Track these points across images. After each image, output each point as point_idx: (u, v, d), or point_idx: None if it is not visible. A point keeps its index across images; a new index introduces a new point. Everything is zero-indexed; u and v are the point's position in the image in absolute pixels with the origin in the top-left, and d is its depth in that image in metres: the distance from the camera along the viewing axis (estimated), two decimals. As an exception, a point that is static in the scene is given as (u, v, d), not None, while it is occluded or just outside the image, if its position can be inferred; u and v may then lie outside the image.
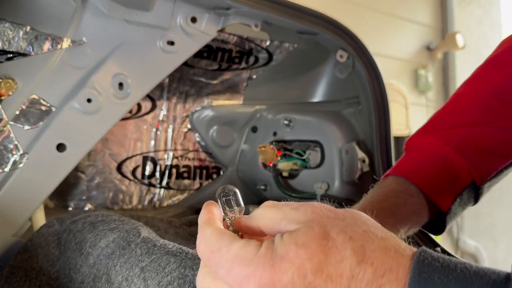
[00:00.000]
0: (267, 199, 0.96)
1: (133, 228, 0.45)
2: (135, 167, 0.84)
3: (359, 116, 0.80)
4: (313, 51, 0.84)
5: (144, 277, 0.37)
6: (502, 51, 0.52)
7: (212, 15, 0.69)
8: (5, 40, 0.57)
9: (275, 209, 0.27)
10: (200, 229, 0.28)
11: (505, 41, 0.54)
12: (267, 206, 0.28)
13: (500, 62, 0.51)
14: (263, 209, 0.28)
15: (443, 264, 0.22)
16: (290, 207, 0.26)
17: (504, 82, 0.49)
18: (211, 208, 0.29)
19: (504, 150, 0.47)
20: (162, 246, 0.40)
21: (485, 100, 0.49)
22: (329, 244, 0.23)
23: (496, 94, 0.48)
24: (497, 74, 0.50)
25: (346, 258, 0.23)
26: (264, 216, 0.27)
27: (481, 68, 0.53)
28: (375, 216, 0.41)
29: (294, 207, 0.26)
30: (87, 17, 0.61)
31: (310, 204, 0.26)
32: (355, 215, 0.26)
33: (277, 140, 0.87)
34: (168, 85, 0.84)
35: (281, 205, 0.27)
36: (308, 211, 0.26)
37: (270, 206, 0.28)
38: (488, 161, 0.47)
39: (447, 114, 0.51)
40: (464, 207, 0.49)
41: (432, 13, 2.81)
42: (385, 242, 0.24)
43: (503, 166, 0.47)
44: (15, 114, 0.58)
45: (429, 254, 0.23)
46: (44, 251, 0.51)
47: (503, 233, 2.71)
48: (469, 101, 0.50)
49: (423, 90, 2.69)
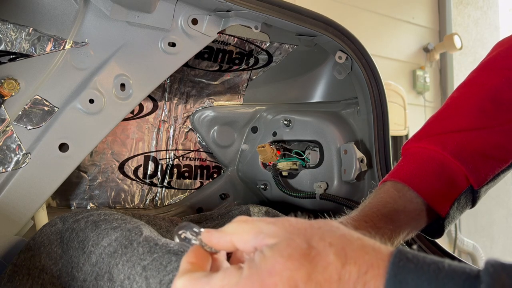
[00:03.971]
0: (267, 198, 0.96)
1: (135, 227, 0.46)
2: (137, 167, 0.84)
3: (358, 117, 0.81)
4: (313, 52, 0.85)
5: (146, 276, 0.37)
6: (495, 54, 0.53)
7: (213, 16, 0.69)
8: (8, 41, 0.58)
9: (249, 224, 0.27)
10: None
11: (498, 44, 0.54)
12: (240, 221, 0.28)
13: (493, 66, 0.52)
14: (236, 224, 0.28)
15: (417, 265, 0.23)
16: (266, 222, 0.26)
17: (498, 86, 0.49)
18: (182, 261, 0.28)
19: (500, 154, 0.48)
20: (163, 245, 0.40)
21: (480, 104, 0.49)
22: (312, 253, 0.24)
23: (490, 98, 0.49)
24: (491, 77, 0.50)
25: (330, 263, 0.23)
26: (237, 231, 0.27)
27: (475, 71, 0.54)
28: (375, 222, 0.42)
29: (270, 222, 0.26)
30: (89, 18, 0.62)
31: (286, 218, 0.27)
32: (329, 222, 0.27)
33: (276, 140, 0.88)
34: (170, 86, 0.85)
35: (255, 220, 0.27)
36: (286, 225, 0.26)
37: (244, 221, 0.27)
38: (485, 165, 0.47)
39: (443, 119, 0.51)
40: (462, 211, 0.49)
41: (429, 14, 2.82)
42: (363, 241, 0.25)
43: (499, 170, 0.48)
44: (18, 114, 0.59)
45: (404, 255, 0.23)
46: (46, 250, 0.52)
47: (500, 232, 2.72)
48: (464, 106, 0.50)
49: (420, 91, 2.70)
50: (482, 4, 3.01)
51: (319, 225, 0.26)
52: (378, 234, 0.42)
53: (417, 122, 2.64)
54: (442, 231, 0.49)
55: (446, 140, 0.48)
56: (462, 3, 2.91)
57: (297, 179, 0.83)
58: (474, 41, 2.94)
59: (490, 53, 0.54)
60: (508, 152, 0.48)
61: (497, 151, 0.48)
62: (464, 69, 2.89)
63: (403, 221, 0.45)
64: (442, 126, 0.50)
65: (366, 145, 0.79)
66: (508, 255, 2.72)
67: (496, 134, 0.48)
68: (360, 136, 0.80)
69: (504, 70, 0.50)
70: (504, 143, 0.48)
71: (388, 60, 2.58)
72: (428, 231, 0.50)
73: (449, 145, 0.47)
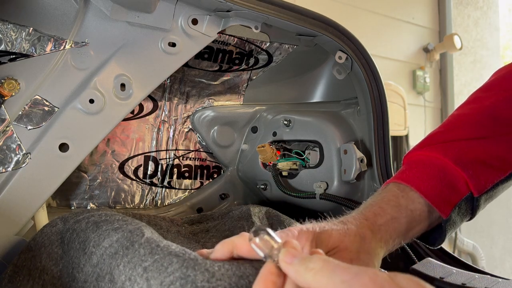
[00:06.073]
0: (267, 198, 0.95)
1: (136, 228, 0.46)
2: (137, 167, 0.84)
3: (358, 117, 0.81)
4: (312, 52, 0.85)
5: (147, 277, 0.37)
6: (495, 78, 0.56)
7: (213, 17, 0.69)
8: (8, 41, 0.58)
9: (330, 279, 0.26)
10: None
11: (498, 70, 0.57)
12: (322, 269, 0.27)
13: (493, 88, 0.55)
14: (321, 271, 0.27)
15: None
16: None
17: (496, 104, 0.52)
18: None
19: (499, 163, 0.49)
20: (165, 247, 0.40)
21: (479, 119, 0.52)
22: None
23: (489, 114, 0.51)
24: (491, 97, 0.53)
25: None
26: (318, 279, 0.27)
27: (474, 93, 0.57)
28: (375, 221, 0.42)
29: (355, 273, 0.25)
30: (89, 18, 0.62)
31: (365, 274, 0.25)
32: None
33: (276, 140, 0.88)
34: (170, 86, 0.85)
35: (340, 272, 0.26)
36: None
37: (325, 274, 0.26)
38: (485, 173, 0.48)
39: (445, 131, 0.53)
40: (462, 219, 0.50)
41: (429, 15, 2.82)
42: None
43: (498, 179, 0.49)
44: (18, 115, 0.59)
45: None
46: (47, 250, 0.52)
47: (500, 232, 2.73)
48: (465, 120, 0.53)
49: (420, 91, 2.71)
50: (482, 4, 3.01)
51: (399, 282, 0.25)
52: (379, 233, 0.42)
53: (417, 122, 2.64)
54: (444, 236, 0.49)
55: (447, 147, 0.49)
56: (462, 3, 2.91)
57: (297, 179, 0.83)
58: (474, 41, 2.95)
59: (490, 78, 0.57)
60: (507, 162, 0.49)
61: (496, 161, 0.49)
62: (464, 69, 2.90)
63: (405, 221, 0.45)
64: (443, 137, 0.52)
65: (366, 145, 0.79)
66: (508, 255, 2.72)
67: (495, 144, 0.49)
68: (360, 136, 0.80)
69: (501, 92, 0.53)
70: (503, 153, 0.49)
71: (388, 60, 2.58)
72: (429, 237, 0.50)
73: (450, 152, 0.49)
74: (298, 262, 0.28)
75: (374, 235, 0.41)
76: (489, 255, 2.63)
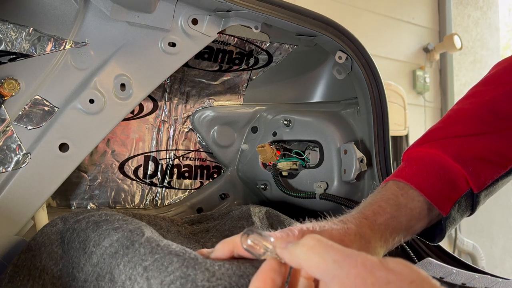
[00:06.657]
0: (267, 198, 0.95)
1: (136, 228, 0.46)
2: (137, 167, 0.84)
3: (358, 117, 0.81)
4: (312, 52, 0.85)
5: (147, 276, 0.37)
6: (495, 72, 0.56)
7: (213, 17, 0.69)
8: (8, 41, 0.58)
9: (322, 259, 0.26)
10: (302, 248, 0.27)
11: (499, 63, 0.57)
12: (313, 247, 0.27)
13: (493, 82, 0.54)
14: (311, 252, 0.27)
15: None
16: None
17: (496, 98, 0.51)
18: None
19: (499, 159, 0.49)
20: (165, 246, 0.40)
21: (479, 114, 0.51)
22: None
23: (489, 109, 0.51)
24: (490, 91, 0.53)
25: None
26: (309, 257, 0.27)
27: (474, 87, 0.56)
28: (375, 219, 0.42)
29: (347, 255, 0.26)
30: (89, 18, 0.62)
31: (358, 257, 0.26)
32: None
33: (276, 140, 0.88)
34: (170, 86, 0.85)
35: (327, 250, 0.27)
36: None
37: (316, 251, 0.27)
38: (484, 169, 0.48)
39: (444, 127, 0.53)
40: (462, 215, 0.50)
41: (429, 15, 2.82)
42: None
43: (498, 175, 0.49)
44: (18, 115, 0.59)
45: None
46: (47, 250, 0.52)
47: (499, 232, 2.73)
48: (464, 115, 0.52)
49: (420, 91, 2.71)
50: (482, 4, 3.01)
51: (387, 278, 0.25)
52: (378, 232, 0.42)
53: (417, 122, 2.64)
54: (444, 233, 0.49)
55: (446, 144, 0.49)
56: (462, 3, 2.91)
57: (297, 179, 0.83)
58: (474, 41, 2.95)
59: (489, 72, 0.57)
60: (506, 158, 0.49)
61: (496, 157, 0.49)
62: (464, 69, 2.90)
63: (404, 219, 0.45)
64: (442, 133, 0.51)
65: (366, 145, 0.79)
66: (508, 255, 2.72)
67: (495, 140, 0.49)
68: (360, 136, 0.80)
69: (501, 85, 0.52)
70: (503, 149, 0.49)
71: (388, 60, 2.58)
72: (429, 234, 0.50)
73: (450, 149, 0.49)
74: (292, 244, 0.29)
75: (374, 234, 0.41)
76: (489, 255, 2.63)
